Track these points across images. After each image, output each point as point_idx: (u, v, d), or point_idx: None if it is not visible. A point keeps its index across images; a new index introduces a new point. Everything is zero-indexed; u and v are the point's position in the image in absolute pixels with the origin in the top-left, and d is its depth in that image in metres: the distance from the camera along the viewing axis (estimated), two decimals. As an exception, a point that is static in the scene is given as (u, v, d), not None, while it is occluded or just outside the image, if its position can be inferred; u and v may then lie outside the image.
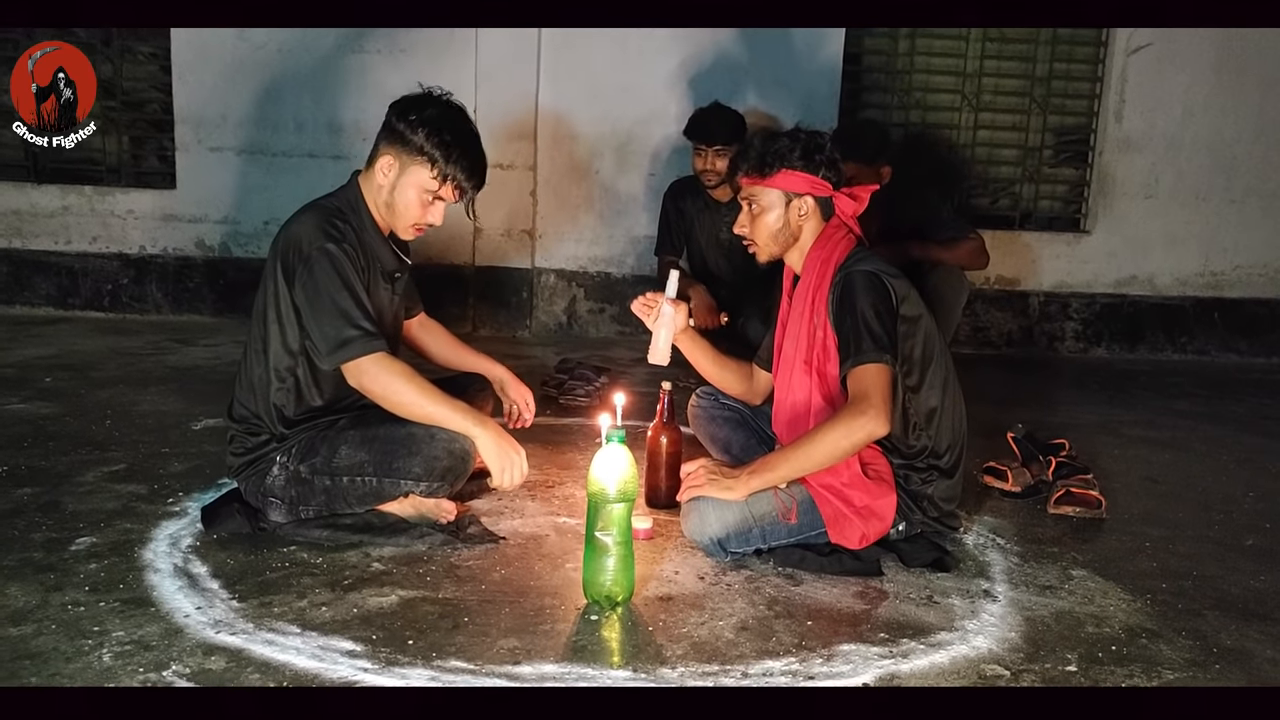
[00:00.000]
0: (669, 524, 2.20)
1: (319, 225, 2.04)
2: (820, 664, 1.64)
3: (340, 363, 2.01)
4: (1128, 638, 1.80)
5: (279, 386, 2.10)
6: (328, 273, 2.01)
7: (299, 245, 2.03)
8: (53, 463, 2.51)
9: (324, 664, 1.57)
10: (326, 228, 2.04)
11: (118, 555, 1.96)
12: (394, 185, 2.09)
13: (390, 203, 2.11)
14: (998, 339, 4.81)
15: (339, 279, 2.01)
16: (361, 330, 2.01)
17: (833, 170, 2.14)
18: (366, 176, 2.14)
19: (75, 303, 4.65)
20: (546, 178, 4.60)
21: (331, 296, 2.00)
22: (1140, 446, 3.17)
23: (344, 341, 2.00)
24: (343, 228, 2.07)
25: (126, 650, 1.59)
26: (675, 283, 2.26)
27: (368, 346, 2.01)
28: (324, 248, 2.01)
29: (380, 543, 2.07)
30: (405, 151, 2.07)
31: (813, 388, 2.10)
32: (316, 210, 2.10)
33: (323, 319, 2.00)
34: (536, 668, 1.59)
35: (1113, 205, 4.75)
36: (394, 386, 2.02)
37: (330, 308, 2.00)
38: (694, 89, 4.43)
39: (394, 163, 2.09)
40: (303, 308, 2.03)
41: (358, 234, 2.10)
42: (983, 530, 2.32)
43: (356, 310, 2.01)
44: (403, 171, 2.08)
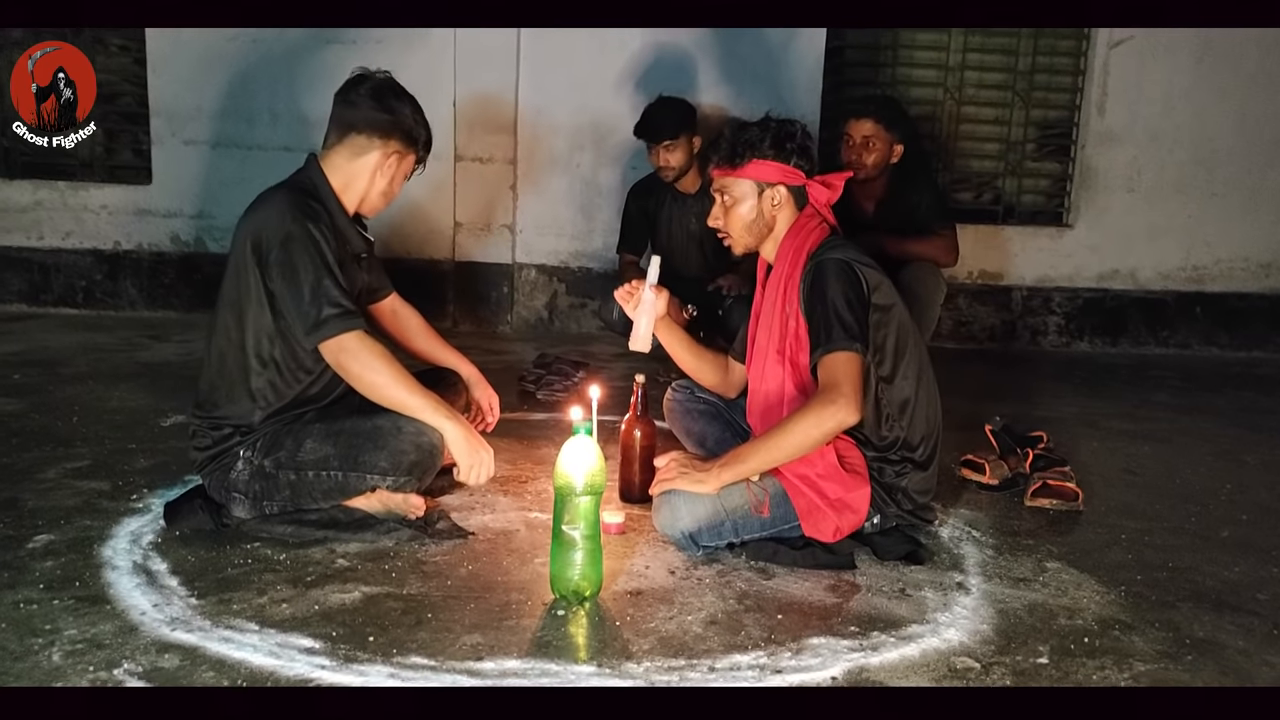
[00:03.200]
0: (642, 518, 2.17)
1: (293, 206, 2.01)
2: (789, 658, 1.62)
3: (319, 341, 1.98)
4: (1100, 629, 1.78)
5: (260, 372, 2.06)
6: (305, 252, 1.98)
7: (273, 227, 2.00)
8: (14, 459, 2.46)
9: (280, 661, 1.54)
10: (301, 208, 2.02)
11: (75, 552, 1.92)
12: (362, 163, 2.11)
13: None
14: (980, 333, 4.80)
15: (318, 258, 1.98)
16: (341, 308, 1.98)
17: (805, 158, 2.11)
18: (327, 158, 2.12)
19: (47, 299, 4.59)
20: (526, 172, 4.56)
21: (310, 276, 1.97)
22: (1119, 439, 3.16)
23: (323, 320, 1.97)
24: (316, 207, 2.05)
25: (78, 649, 1.55)
26: (657, 270, 2.23)
27: (347, 324, 1.98)
28: (302, 226, 1.99)
29: (346, 539, 2.03)
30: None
31: (785, 377, 2.08)
32: (286, 191, 2.06)
33: (302, 299, 1.98)
34: (499, 664, 1.56)
35: (1095, 199, 4.74)
36: (373, 366, 1.99)
37: (309, 287, 1.97)
38: (675, 81, 4.39)
39: (360, 140, 2.10)
40: (278, 289, 2.00)
41: (330, 215, 2.07)
42: (958, 523, 2.30)
43: (335, 289, 1.98)
44: (369, 149, 2.10)
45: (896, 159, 3.41)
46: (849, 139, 3.38)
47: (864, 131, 3.35)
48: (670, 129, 3.59)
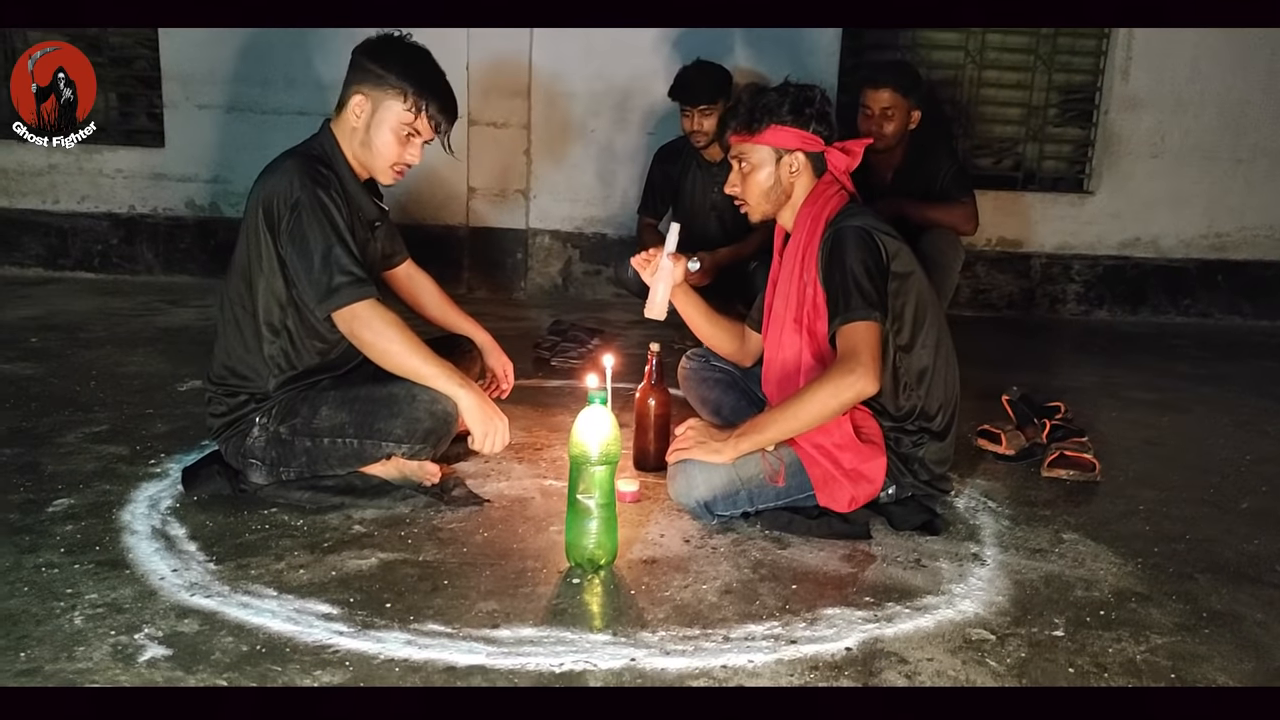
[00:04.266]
0: (657, 486, 2.17)
1: (303, 172, 1.99)
2: (803, 628, 1.62)
3: (332, 309, 1.97)
4: (1117, 601, 1.77)
5: (272, 340, 2.06)
6: (316, 219, 1.96)
7: (284, 193, 1.98)
8: (34, 424, 2.48)
9: (299, 627, 1.55)
10: (312, 174, 1.99)
11: (95, 517, 1.94)
12: (369, 125, 2.05)
13: (367, 142, 2.06)
14: (998, 301, 4.75)
15: (328, 225, 1.96)
16: (352, 276, 1.97)
17: (824, 124, 2.07)
18: (338, 123, 2.09)
19: (65, 263, 4.61)
20: (541, 137, 4.52)
21: (321, 243, 1.96)
22: (1139, 409, 3.13)
23: (335, 288, 1.96)
24: (327, 174, 2.02)
25: (99, 613, 1.57)
26: (675, 237, 2.21)
27: (359, 292, 1.97)
28: (313, 194, 1.97)
29: (362, 505, 2.04)
30: (377, 88, 2.02)
31: (803, 346, 2.06)
32: (297, 158, 2.04)
33: (312, 266, 1.96)
34: (515, 631, 1.57)
35: (1118, 165, 4.66)
36: (386, 334, 1.98)
37: (320, 255, 1.96)
38: (690, 45, 4.33)
39: (366, 102, 2.04)
40: (290, 257, 1.99)
41: (341, 182, 2.05)
42: (975, 493, 2.29)
43: (346, 257, 1.97)
44: (376, 109, 2.04)
45: (914, 125, 3.36)
46: (867, 110, 3.33)
47: (882, 102, 3.30)
48: (707, 93, 3.54)
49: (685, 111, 3.61)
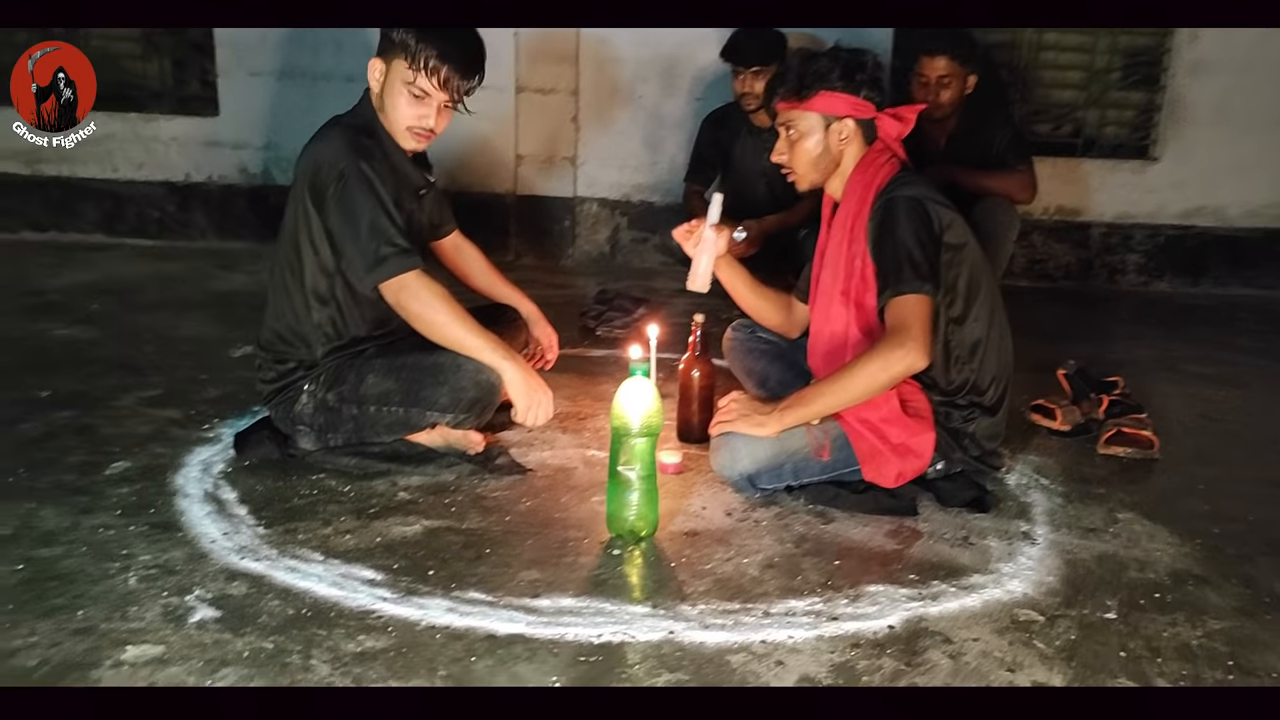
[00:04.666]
0: (700, 458, 2.16)
1: (347, 143, 1.99)
2: (845, 604, 1.60)
3: (379, 281, 1.98)
4: (1173, 583, 1.73)
5: (320, 308, 2.08)
6: (361, 190, 1.96)
7: (329, 164, 1.99)
8: (91, 387, 2.54)
9: (344, 592, 1.58)
10: (355, 145, 1.99)
11: (149, 480, 1.99)
12: (383, 88, 2.04)
13: (383, 107, 2.05)
14: (1055, 271, 4.62)
15: (372, 196, 1.97)
16: (397, 247, 1.97)
17: (875, 90, 2.02)
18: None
19: (122, 229, 4.69)
20: (589, 103, 4.48)
21: (366, 214, 1.96)
22: (1198, 384, 3.03)
23: (381, 259, 1.97)
24: (369, 144, 2.02)
25: (151, 574, 1.61)
26: (718, 208, 2.17)
27: (405, 263, 1.98)
28: (356, 165, 1.97)
29: (408, 472, 2.06)
30: (387, 49, 2.01)
31: (850, 319, 2.02)
32: (340, 128, 2.04)
33: (359, 238, 1.97)
34: (555, 600, 1.58)
35: (1183, 131, 4.48)
36: (433, 305, 1.98)
37: (366, 226, 1.96)
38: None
39: (380, 64, 2.03)
40: (335, 228, 2.00)
41: (384, 150, 2.05)
42: (1026, 470, 2.24)
43: (392, 228, 1.97)
44: (388, 70, 2.02)
45: (970, 90, 3.27)
46: (922, 78, 3.25)
47: (938, 69, 3.21)
48: (760, 55, 3.48)
49: (737, 73, 3.55)
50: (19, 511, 1.81)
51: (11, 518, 1.79)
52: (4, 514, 1.80)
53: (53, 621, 1.46)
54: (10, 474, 1.98)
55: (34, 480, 1.95)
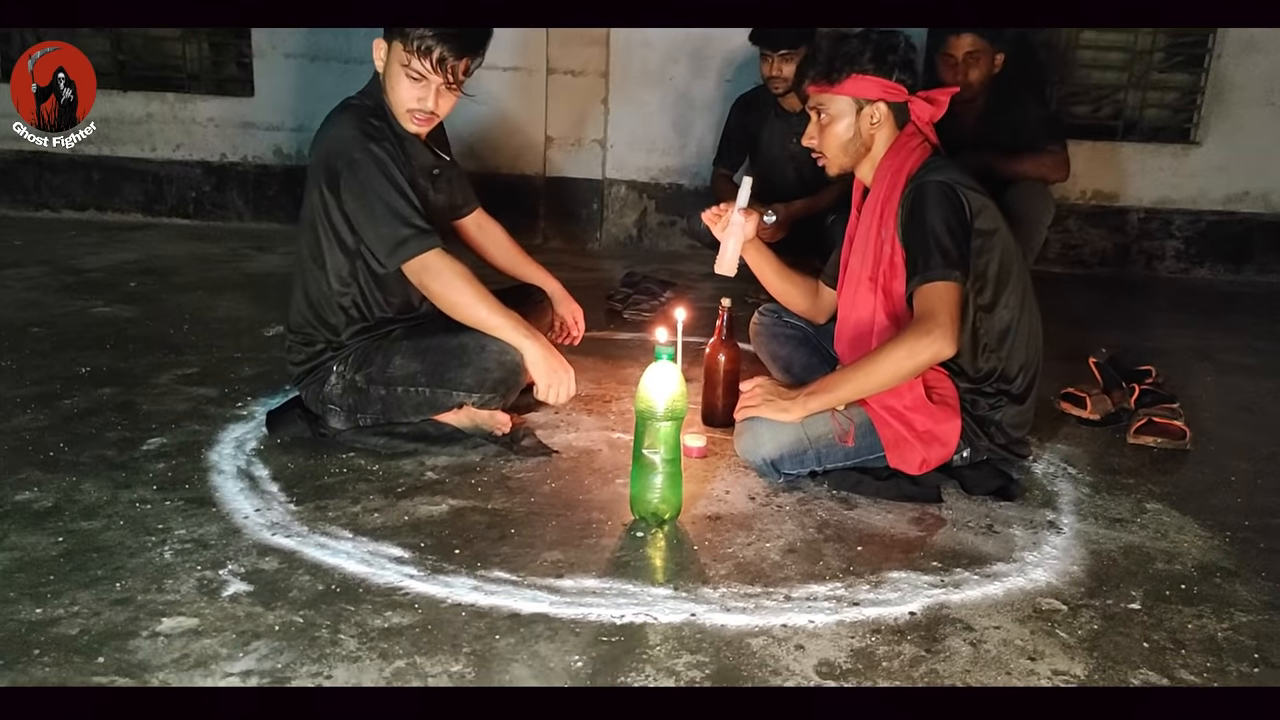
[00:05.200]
0: (724, 442, 2.17)
1: (356, 126, 2.01)
2: (867, 590, 1.61)
3: (400, 262, 2.01)
4: (1200, 576, 1.71)
5: (343, 291, 2.10)
6: (373, 174, 1.98)
7: (339, 149, 2.01)
8: (131, 364, 2.60)
9: (372, 569, 1.61)
10: (364, 127, 2.01)
11: (185, 456, 2.03)
12: (385, 70, 2.04)
13: (386, 89, 2.05)
14: (1090, 258, 4.56)
15: (385, 178, 1.99)
16: (416, 228, 1.99)
17: (907, 72, 1.99)
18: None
19: (161, 209, 4.78)
20: (619, 85, 4.47)
21: (381, 197, 1.98)
22: (1237, 374, 2.99)
23: (401, 240, 1.99)
24: (379, 125, 2.04)
25: (186, 548, 1.65)
26: (747, 192, 2.17)
27: (425, 243, 2.00)
28: (366, 148, 1.99)
29: (435, 452, 2.09)
30: (390, 34, 2.00)
31: (877, 305, 2.01)
32: (350, 111, 2.06)
33: (377, 221, 1.99)
34: (578, 581, 1.60)
35: (1228, 113, 4.39)
36: (455, 285, 2.01)
37: (382, 209, 1.99)
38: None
39: (382, 44, 2.03)
40: (353, 212, 2.02)
41: (394, 131, 2.07)
42: (1054, 459, 2.22)
43: (408, 208, 1.99)
44: (389, 52, 2.02)
45: (998, 68, 3.22)
46: (949, 58, 3.21)
47: (965, 47, 3.17)
48: (789, 38, 3.45)
49: (765, 57, 3.53)
50: (61, 485, 1.86)
51: (54, 491, 1.84)
52: (47, 487, 1.85)
53: (93, 592, 1.50)
54: (53, 448, 2.03)
55: (76, 455, 2.01)
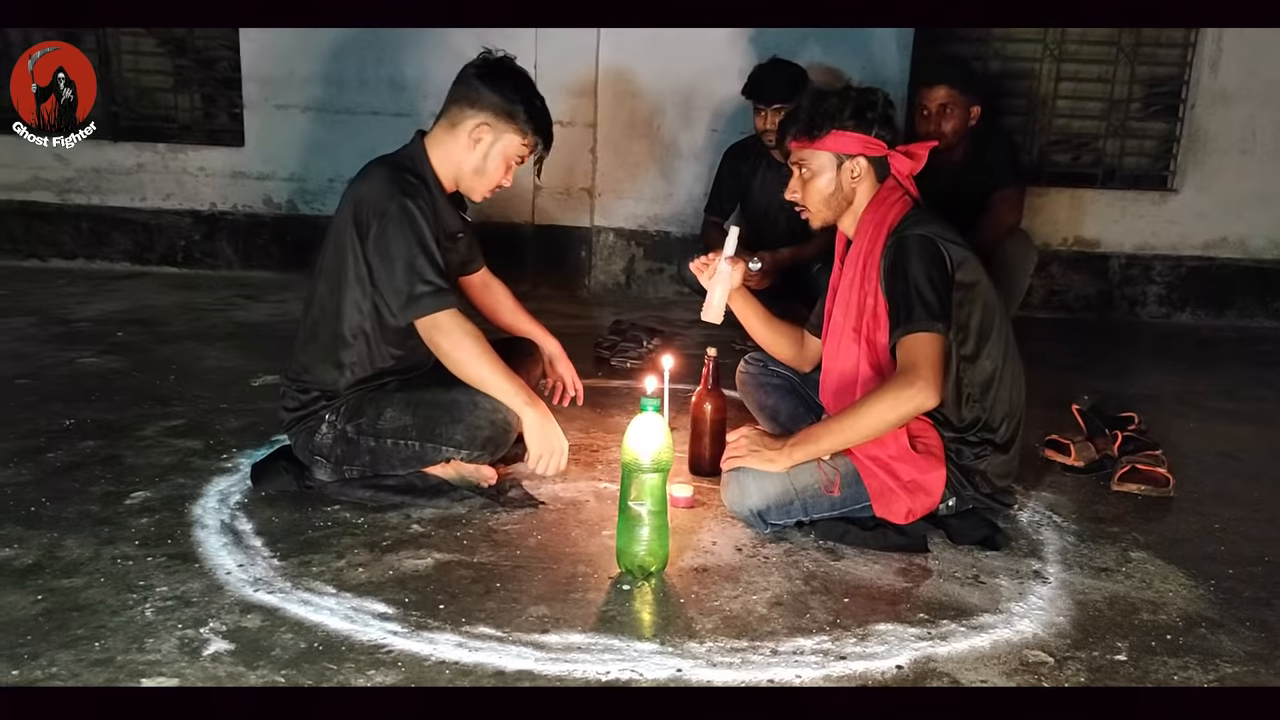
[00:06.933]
0: (711, 491, 2.17)
1: (393, 181, 2.05)
2: (853, 644, 1.60)
3: (414, 317, 2.03)
4: (1185, 626, 1.71)
5: (350, 344, 2.12)
6: (403, 228, 2.02)
7: (373, 201, 2.04)
8: (117, 416, 2.59)
9: (355, 625, 1.59)
10: (401, 184, 2.05)
11: (169, 510, 2.02)
12: (487, 153, 2.12)
13: (481, 170, 2.14)
14: (1074, 303, 4.61)
15: (413, 235, 2.02)
16: (433, 285, 2.02)
17: (887, 128, 2.04)
18: (437, 140, 2.14)
19: (151, 258, 4.79)
20: (607, 134, 4.54)
21: (405, 250, 2.01)
22: (1220, 419, 3.01)
23: (418, 296, 2.02)
24: (415, 183, 2.08)
25: (168, 605, 1.63)
26: (734, 241, 2.20)
27: (441, 302, 2.03)
28: (400, 202, 2.02)
29: (421, 504, 2.08)
30: (501, 120, 2.10)
31: (861, 356, 2.03)
32: (387, 167, 2.10)
33: (396, 274, 2.02)
34: (563, 637, 1.59)
35: (1204, 161, 4.48)
36: (464, 345, 2.03)
37: (404, 262, 2.01)
38: (758, 42, 4.29)
39: (489, 131, 2.10)
40: (375, 264, 2.05)
41: (430, 192, 2.11)
42: (1039, 507, 2.23)
43: (430, 267, 2.02)
44: (498, 139, 2.11)
45: (975, 121, 3.29)
46: (923, 109, 3.29)
47: (938, 99, 3.25)
48: (781, 92, 3.51)
49: (758, 110, 3.59)
50: (43, 541, 1.85)
51: (35, 548, 1.82)
52: (28, 544, 1.84)
53: (73, 652, 1.48)
54: (35, 503, 2.02)
55: (59, 510, 1.99)
